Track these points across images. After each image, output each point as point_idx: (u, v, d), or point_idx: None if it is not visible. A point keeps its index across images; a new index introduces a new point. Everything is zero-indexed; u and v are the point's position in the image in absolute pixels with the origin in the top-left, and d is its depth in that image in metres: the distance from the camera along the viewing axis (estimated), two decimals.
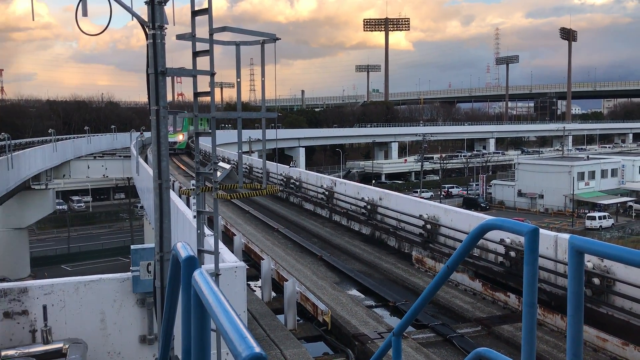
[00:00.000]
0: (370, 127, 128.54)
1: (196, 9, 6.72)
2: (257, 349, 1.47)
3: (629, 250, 2.81)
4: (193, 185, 7.15)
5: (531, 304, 3.15)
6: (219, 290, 1.95)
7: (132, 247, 8.55)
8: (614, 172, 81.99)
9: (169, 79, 7.22)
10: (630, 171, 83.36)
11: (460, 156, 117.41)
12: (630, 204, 76.48)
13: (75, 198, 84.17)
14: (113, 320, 8.25)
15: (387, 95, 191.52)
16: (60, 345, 7.52)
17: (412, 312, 4.10)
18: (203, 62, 6.89)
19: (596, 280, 9.57)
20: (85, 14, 7.02)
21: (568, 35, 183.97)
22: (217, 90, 21.48)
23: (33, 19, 7.74)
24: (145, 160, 36.32)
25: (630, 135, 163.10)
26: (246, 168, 35.98)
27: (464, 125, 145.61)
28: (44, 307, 7.56)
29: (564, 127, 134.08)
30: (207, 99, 7.04)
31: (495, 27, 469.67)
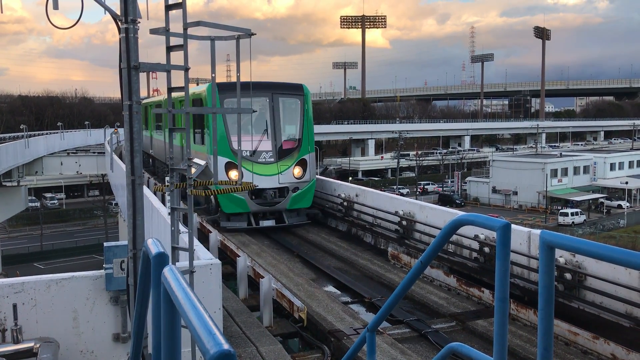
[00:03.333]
0: (347, 124, 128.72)
1: (170, 3, 6.63)
2: (226, 346, 1.45)
3: (599, 245, 2.85)
4: (167, 181, 7.07)
5: (503, 298, 3.18)
6: (189, 286, 1.93)
7: (105, 244, 8.45)
8: (585, 169, 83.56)
9: (144, 75, 7.14)
10: (601, 168, 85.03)
11: (436, 153, 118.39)
12: (602, 200, 78.01)
13: (48, 195, 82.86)
14: (86, 319, 8.14)
15: (364, 92, 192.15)
16: (31, 344, 7.39)
17: (386, 308, 4.12)
18: (178, 57, 6.82)
19: (568, 275, 9.72)
20: (56, 7, 6.89)
21: (542, 34, 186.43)
22: (193, 86, 21.34)
23: (2, 12, 7.57)
24: (120, 156, 35.87)
25: (602, 133, 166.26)
26: None
27: (440, 122, 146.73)
28: (14, 306, 7.41)
29: (538, 125, 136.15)
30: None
31: (470, 26, 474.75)
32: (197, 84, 21.57)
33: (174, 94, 8.58)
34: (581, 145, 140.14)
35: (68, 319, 8.00)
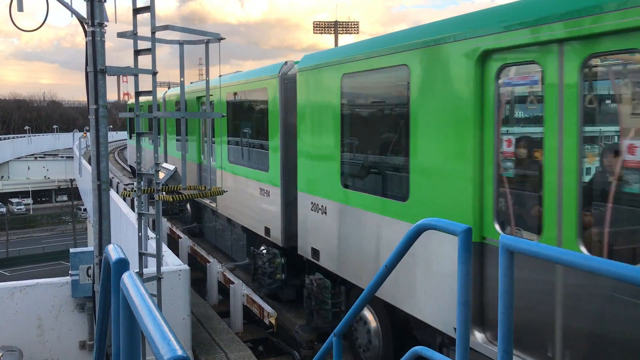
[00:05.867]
0: None
1: (138, 6, 6.59)
2: (180, 352, 1.45)
3: (558, 250, 2.91)
4: (134, 187, 7.00)
5: (465, 302, 3.23)
6: (147, 292, 1.92)
7: (71, 250, 8.33)
8: None
9: (114, 78, 7.07)
10: None
11: None
12: None
13: (14, 200, 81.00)
14: (51, 326, 8.00)
15: None
16: None
17: (352, 312, 4.14)
18: (147, 61, 6.77)
19: None
20: (20, 9, 6.78)
21: None
22: (164, 89, 21.03)
23: None
24: (89, 161, 35.32)
25: None
26: None
27: None
28: None
29: None
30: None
31: None
32: (169, 88, 20.87)
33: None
34: None
35: (32, 327, 7.85)
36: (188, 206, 17.51)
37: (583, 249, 4.35)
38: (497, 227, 5.09)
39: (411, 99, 6.13)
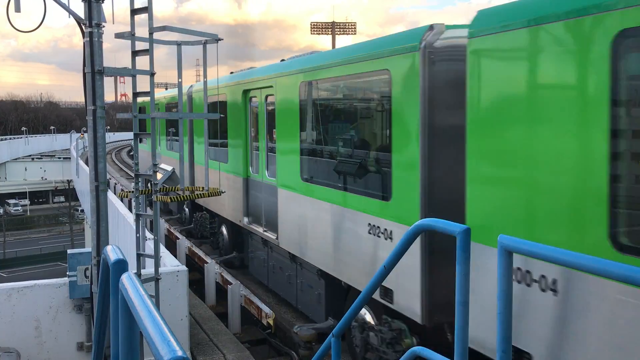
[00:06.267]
0: None
1: (136, 7, 6.58)
2: (180, 353, 1.45)
3: (557, 250, 2.91)
4: (133, 187, 6.99)
5: (464, 302, 3.23)
6: (146, 293, 1.92)
7: (69, 251, 8.31)
8: None
9: (111, 79, 7.07)
10: None
11: None
12: None
13: (11, 201, 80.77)
14: (48, 328, 7.98)
15: None
16: None
17: (351, 313, 4.14)
18: (145, 62, 6.77)
19: None
20: (18, 9, 6.76)
21: None
22: (161, 90, 20.97)
23: None
24: (86, 162, 35.27)
25: None
26: None
27: None
28: None
29: None
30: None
31: None
32: (166, 89, 20.65)
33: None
34: None
35: (30, 328, 7.83)
36: (224, 229, 13.93)
37: None
38: None
39: None
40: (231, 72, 13.50)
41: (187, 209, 17.75)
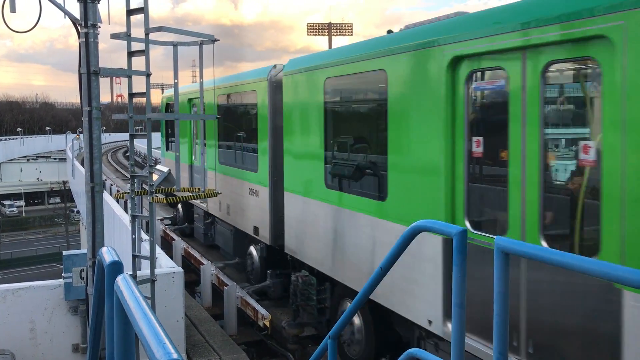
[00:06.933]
0: None
1: (132, 7, 6.57)
2: (175, 355, 1.44)
3: (554, 252, 2.91)
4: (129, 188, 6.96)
5: (460, 304, 3.22)
6: (142, 295, 1.90)
7: (64, 253, 8.27)
8: None
9: (107, 80, 7.05)
10: None
11: None
12: None
13: (6, 202, 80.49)
14: (44, 329, 7.95)
15: None
16: None
17: (347, 315, 4.13)
18: (141, 62, 6.75)
19: None
20: (13, 10, 6.74)
21: None
22: (158, 92, 20.94)
23: None
24: (82, 163, 35.17)
25: None
26: None
27: None
28: None
29: None
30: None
31: None
32: (162, 90, 20.52)
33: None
34: None
35: (25, 330, 7.80)
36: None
37: None
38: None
39: None
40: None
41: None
